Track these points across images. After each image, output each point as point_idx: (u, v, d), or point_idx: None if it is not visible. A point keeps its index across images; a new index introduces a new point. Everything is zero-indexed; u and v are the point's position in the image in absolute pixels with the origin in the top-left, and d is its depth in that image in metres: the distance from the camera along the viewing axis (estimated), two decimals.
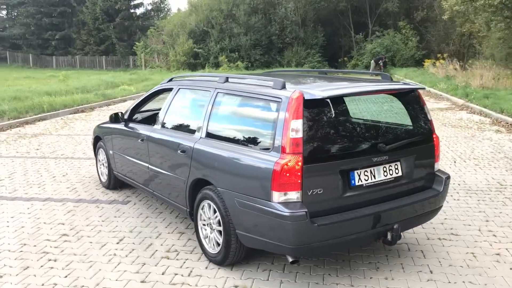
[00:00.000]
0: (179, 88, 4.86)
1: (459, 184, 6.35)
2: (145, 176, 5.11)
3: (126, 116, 5.65)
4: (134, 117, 5.70)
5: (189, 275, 3.87)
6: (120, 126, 5.64)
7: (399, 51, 33.22)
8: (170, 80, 5.25)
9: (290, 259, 3.50)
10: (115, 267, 4.01)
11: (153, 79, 24.63)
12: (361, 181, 3.61)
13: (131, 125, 5.49)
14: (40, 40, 46.73)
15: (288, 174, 3.29)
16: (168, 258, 4.17)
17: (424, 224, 4.88)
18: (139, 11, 47.36)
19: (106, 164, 6.14)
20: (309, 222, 3.29)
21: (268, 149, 3.48)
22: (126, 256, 4.23)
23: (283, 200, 3.32)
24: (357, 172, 3.60)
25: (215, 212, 3.92)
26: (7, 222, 5.08)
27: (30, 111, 12.98)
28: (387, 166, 3.75)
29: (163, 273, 3.90)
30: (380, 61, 29.87)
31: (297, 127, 3.33)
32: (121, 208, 5.50)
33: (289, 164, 3.29)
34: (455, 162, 7.56)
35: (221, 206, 3.80)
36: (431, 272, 3.91)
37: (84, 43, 45.51)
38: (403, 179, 3.85)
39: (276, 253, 3.71)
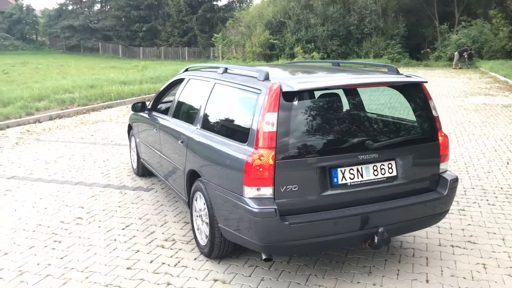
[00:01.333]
0: (189, 79, 4.88)
1: (501, 188, 5.80)
2: (158, 163, 5.22)
3: (150, 106, 5.78)
4: (158, 107, 5.82)
5: (175, 265, 3.89)
6: (144, 115, 5.79)
7: (488, 42, 30.93)
8: (186, 70, 5.28)
9: (264, 256, 3.39)
10: (110, 252, 4.13)
11: None
12: (346, 180, 3.40)
13: (152, 114, 5.61)
14: (128, 32, 49.21)
15: (260, 169, 3.18)
16: (163, 247, 4.22)
17: (442, 229, 4.54)
18: (221, 3, 48.31)
19: (135, 151, 6.35)
20: (278, 219, 3.16)
21: (245, 142, 3.39)
22: (125, 242, 4.34)
23: (255, 195, 3.22)
24: (341, 170, 3.39)
25: (204, 204, 3.90)
26: (35, 202, 5.41)
27: (98, 99, 13.73)
28: (378, 165, 3.50)
29: (151, 262, 3.95)
30: (465, 52, 28.10)
31: (271, 120, 3.21)
32: (142, 195, 5.66)
33: (260, 158, 3.18)
34: (508, 163, 6.91)
35: (207, 198, 3.77)
36: (427, 281, 3.60)
37: (169, 34, 47.24)
38: (398, 180, 3.57)
39: (252, 249, 3.62)
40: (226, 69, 4.21)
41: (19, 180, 6.27)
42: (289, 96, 3.29)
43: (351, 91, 3.74)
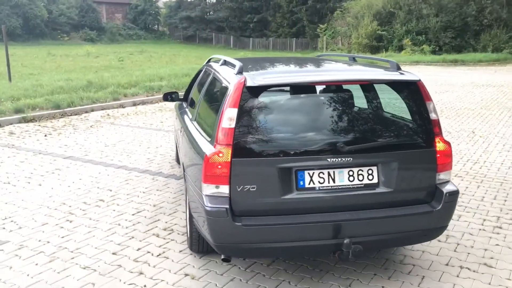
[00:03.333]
0: (204, 69, 4.86)
1: None
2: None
3: (183, 96, 5.87)
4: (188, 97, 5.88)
5: (158, 255, 3.92)
6: (177, 103, 5.90)
7: None
8: (208, 60, 5.26)
9: (222, 256, 3.27)
10: (107, 236, 4.29)
11: None
12: (314, 183, 3.15)
13: (182, 104, 5.69)
14: (240, 23, 50.41)
15: (217, 166, 3.06)
16: (157, 236, 4.28)
17: (461, 247, 4.06)
18: None
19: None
20: (230, 220, 3.02)
21: (211, 137, 3.29)
22: (127, 227, 4.47)
23: (212, 193, 3.11)
24: (309, 173, 3.14)
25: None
26: (72, 182, 5.79)
27: (182, 88, 14.27)
28: (354, 170, 3.18)
29: (138, 249, 4.03)
30: None
31: (231, 116, 3.07)
32: (171, 183, 5.78)
33: (219, 155, 3.06)
34: None
35: (186, 192, 3.75)
36: None
37: (278, 25, 47.55)
38: (380, 188, 3.22)
39: None
40: (225, 61, 4.11)
41: (73, 160, 6.76)
42: (253, 91, 3.12)
43: (331, 88, 3.43)
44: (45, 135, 8.34)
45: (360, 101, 3.36)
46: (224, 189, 3.08)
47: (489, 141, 7.97)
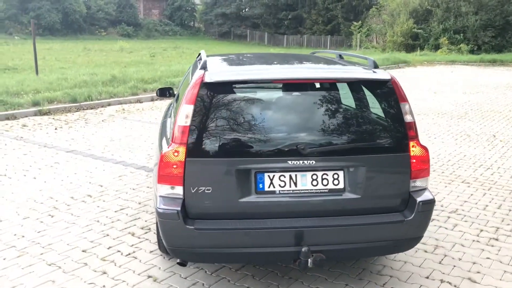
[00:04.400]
0: (192, 65, 4.72)
1: None
2: None
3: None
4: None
5: (128, 255, 3.83)
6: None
7: None
8: (198, 55, 5.12)
9: (178, 260, 3.14)
10: (83, 233, 4.22)
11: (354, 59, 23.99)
12: (274, 187, 2.97)
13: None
14: (275, 20, 50.13)
15: (171, 166, 2.92)
16: (132, 235, 4.19)
17: (448, 259, 3.77)
18: None
19: None
20: (181, 223, 2.88)
21: (169, 136, 3.15)
22: (105, 224, 4.40)
23: (166, 194, 2.97)
24: (269, 175, 2.96)
25: None
26: (67, 177, 5.78)
27: None
28: (318, 174, 2.98)
29: (109, 248, 3.95)
30: None
31: (187, 113, 2.92)
32: None
33: (170, 154, 2.92)
34: None
35: None
36: None
37: (313, 22, 47.04)
38: (347, 194, 3.01)
39: None
40: (200, 55, 3.96)
41: (74, 154, 6.77)
42: (211, 88, 2.96)
43: (297, 86, 3.22)
44: (56, 128, 8.42)
45: (333, 101, 3.14)
46: (179, 190, 2.94)
47: (509, 146, 7.53)
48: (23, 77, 13.62)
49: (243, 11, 53.69)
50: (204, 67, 3.16)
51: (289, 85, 3.19)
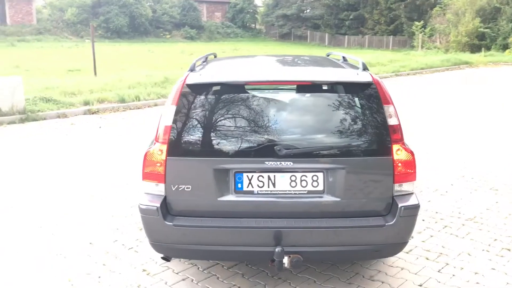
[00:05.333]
0: None
1: None
2: None
3: None
4: None
5: (130, 248, 3.99)
6: None
7: None
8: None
9: (161, 255, 3.25)
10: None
11: (412, 60, 23.30)
12: (252, 187, 3.01)
13: None
14: (336, 20, 49.60)
15: (154, 164, 3.04)
16: (140, 230, 4.35)
17: (447, 268, 3.63)
18: None
19: None
20: (161, 219, 2.99)
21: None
22: (125, 217, 4.61)
23: (150, 191, 3.09)
24: (247, 176, 3.01)
25: None
26: (104, 170, 6.08)
27: None
28: (297, 175, 2.99)
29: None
30: None
31: (170, 113, 3.03)
32: None
33: (154, 152, 3.04)
34: None
35: None
36: None
37: (375, 22, 46.08)
38: (326, 197, 2.99)
39: None
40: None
41: (112, 149, 7.10)
42: (192, 89, 3.06)
43: (277, 88, 3.23)
44: (100, 127, 8.88)
45: (313, 103, 3.12)
46: (162, 188, 3.06)
47: None
48: (82, 78, 14.39)
49: (304, 12, 53.55)
50: (192, 69, 3.26)
51: (270, 87, 3.21)
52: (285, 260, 2.95)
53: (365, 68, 3.24)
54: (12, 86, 9.19)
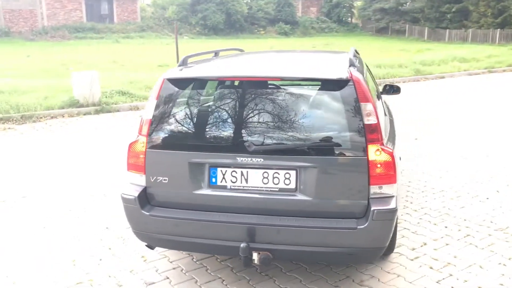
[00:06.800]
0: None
1: None
2: None
3: None
4: None
5: (124, 242, 4.13)
6: None
7: None
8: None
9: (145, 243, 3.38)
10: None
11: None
12: (225, 182, 3.03)
13: None
14: (437, 14, 46.91)
15: (137, 155, 3.19)
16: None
17: (449, 280, 3.38)
18: None
19: None
20: (138, 208, 3.12)
21: None
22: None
23: (134, 181, 3.24)
24: (222, 170, 3.04)
25: None
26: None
27: None
28: (269, 172, 2.96)
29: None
30: None
31: (151, 107, 3.15)
32: None
33: (136, 145, 3.18)
34: None
35: None
36: None
37: (481, 15, 42.88)
38: (298, 195, 2.93)
39: None
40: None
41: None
42: (172, 84, 3.14)
43: (252, 84, 3.15)
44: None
45: (288, 99, 3.03)
46: (143, 179, 3.18)
47: None
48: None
49: (403, 5, 51.36)
50: (180, 64, 3.34)
51: (246, 83, 3.17)
52: (255, 256, 2.94)
53: (351, 64, 3.10)
54: (89, 80, 9.94)
